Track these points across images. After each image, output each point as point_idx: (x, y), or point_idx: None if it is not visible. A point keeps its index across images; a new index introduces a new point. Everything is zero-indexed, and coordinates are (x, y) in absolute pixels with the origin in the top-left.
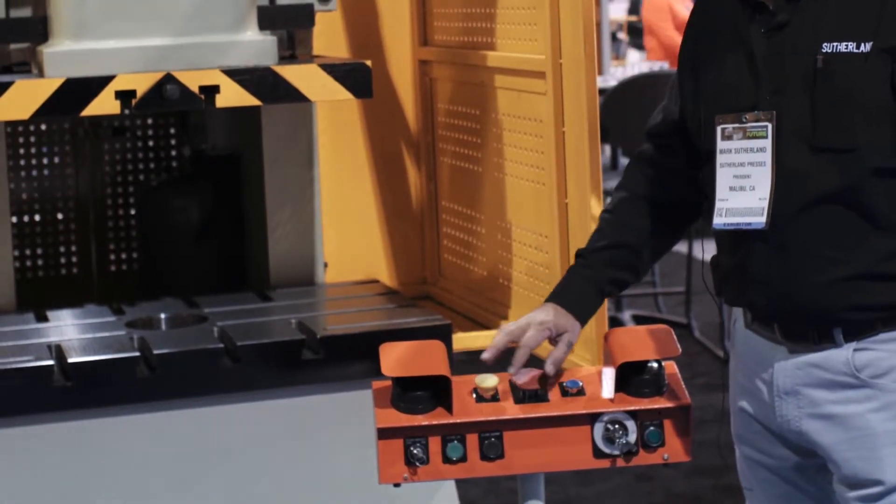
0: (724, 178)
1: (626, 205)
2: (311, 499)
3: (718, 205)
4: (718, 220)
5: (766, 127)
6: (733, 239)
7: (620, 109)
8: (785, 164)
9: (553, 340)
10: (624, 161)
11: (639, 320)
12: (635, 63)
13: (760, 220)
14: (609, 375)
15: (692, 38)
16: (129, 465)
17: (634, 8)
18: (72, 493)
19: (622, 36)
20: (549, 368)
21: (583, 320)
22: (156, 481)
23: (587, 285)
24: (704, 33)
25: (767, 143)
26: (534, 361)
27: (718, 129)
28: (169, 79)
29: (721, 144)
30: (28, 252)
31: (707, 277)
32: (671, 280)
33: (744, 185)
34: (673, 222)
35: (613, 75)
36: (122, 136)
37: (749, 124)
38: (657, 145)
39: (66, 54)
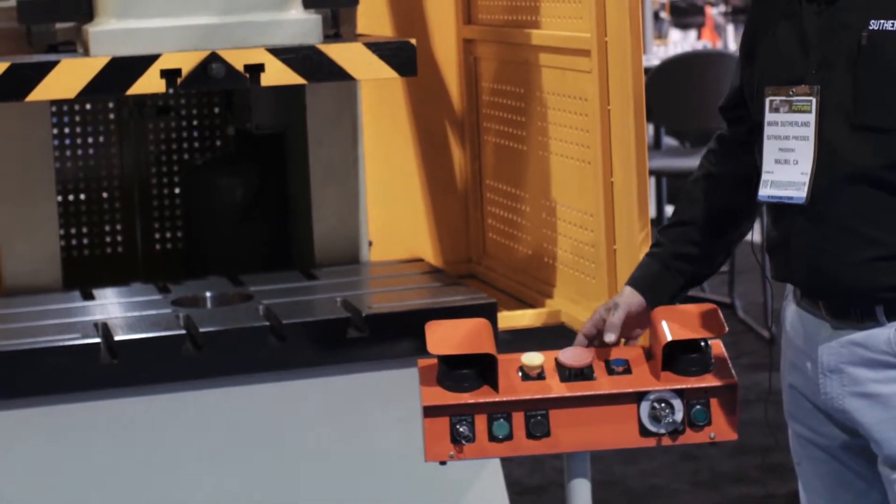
0: (770, 151)
1: (697, 183)
2: (356, 477)
3: (764, 177)
4: (763, 193)
5: (811, 101)
6: (777, 212)
7: (664, 88)
8: (826, 139)
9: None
10: (668, 140)
11: (682, 299)
12: (678, 42)
13: (801, 194)
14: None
15: (754, 13)
16: (174, 443)
17: None
18: (118, 470)
19: (664, 15)
20: (606, 337)
21: (647, 295)
22: (201, 459)
23: (653, 262)
24: (764, 8)
25: (811, 118)
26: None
27: (767, 100)
28: (214, 57)
29: (769, 117)
30: (74, 231)
31: (758, 255)
32: None
33: (788, 159)
34: (744, 198)
35: (656, 54)
36: (167, 116)
37: (795, 98)
38: (728, 119)
39: (111, 33)
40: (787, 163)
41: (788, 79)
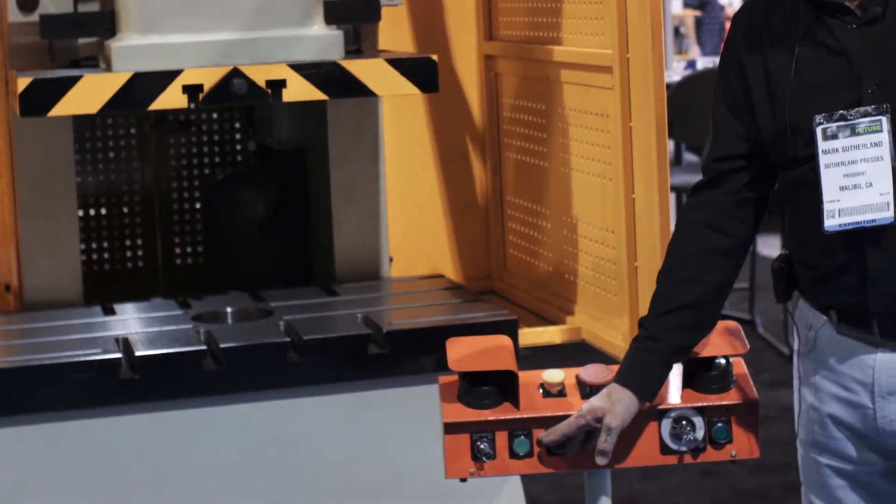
0: (832, 179)
1: (691, 260)
2: (376, 493)
3: (828, 207)
4: (832, 223)
5: (880, 120)
6: (842, 239)
7: (685, 104)
8: None
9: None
10: (688, 156)
11: None
12: (698, 58)
13: (887, 214)
14: (676, 372)
15: (743, 50)
16: (194, 458)
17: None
18: (138, 485)
19: (685, 31)
20: (598, 459)
21: (652, 397)
22: (221, 474)
23: (653, 361)
24: (760, 42)
25: (884, 137)
26: (602, 358)
27: (818, 129)
28: (236, 73)
29: (823, 145)
30: (95, 246)
31: (768, 280)
32: None
33: (858, 183)
34: (732, 261)
35: (676, 70)
36: (188, 131)
37: (857, 120)
38: (725, 171)
39: (133, 49)
40: (858, 187)
41: (840, 103)
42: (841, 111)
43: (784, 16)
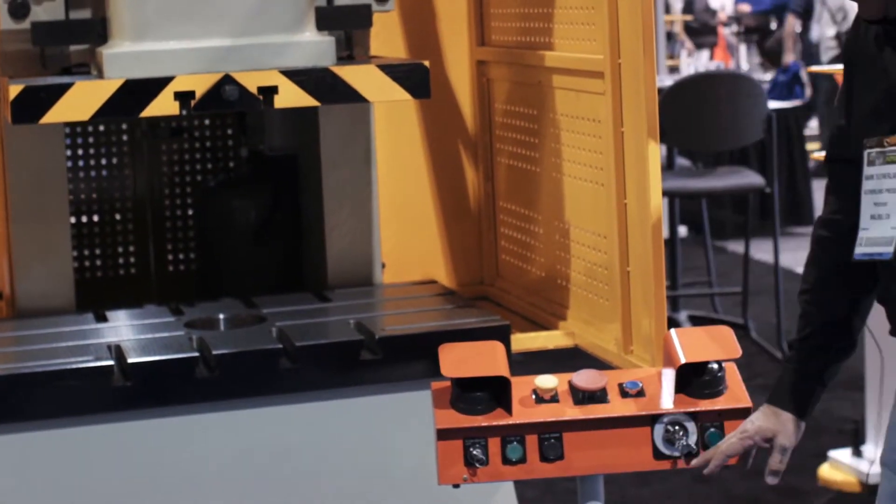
0: (866, 207)
1: (823, 278)
2: (369, 499)
3: (860, 234)
4: (858, 251)
5: None
6: (887, 270)
7: (676, 109)
8: None
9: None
10: (680, 161)
11: (695, 321)
12: (690, 62)
13: (888, 249)
14: (669, 377)
15: (846, 64)
16: (187, 466)
17: (688, 7)
18: (131, 492)
19: (678, 30)
20: (768, 479)
21: (802, 415)
22: (214, 481)
23: (818, 387)
24: (854, 59)
25: None
26: (594, 364)
27: (864, 153)
28: (228, 80)
29: (866, 170)
30: (87, 252)
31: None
32: (728, 280)
33: (881, 213)
34: (869, 274)
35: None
36: (180, 137)
37: (889, 148)
38: (844, 176)
39: (125, 56)
40: (881, 217)
41: (882, 130)
42: (881, 137)
43: (869, 36)
